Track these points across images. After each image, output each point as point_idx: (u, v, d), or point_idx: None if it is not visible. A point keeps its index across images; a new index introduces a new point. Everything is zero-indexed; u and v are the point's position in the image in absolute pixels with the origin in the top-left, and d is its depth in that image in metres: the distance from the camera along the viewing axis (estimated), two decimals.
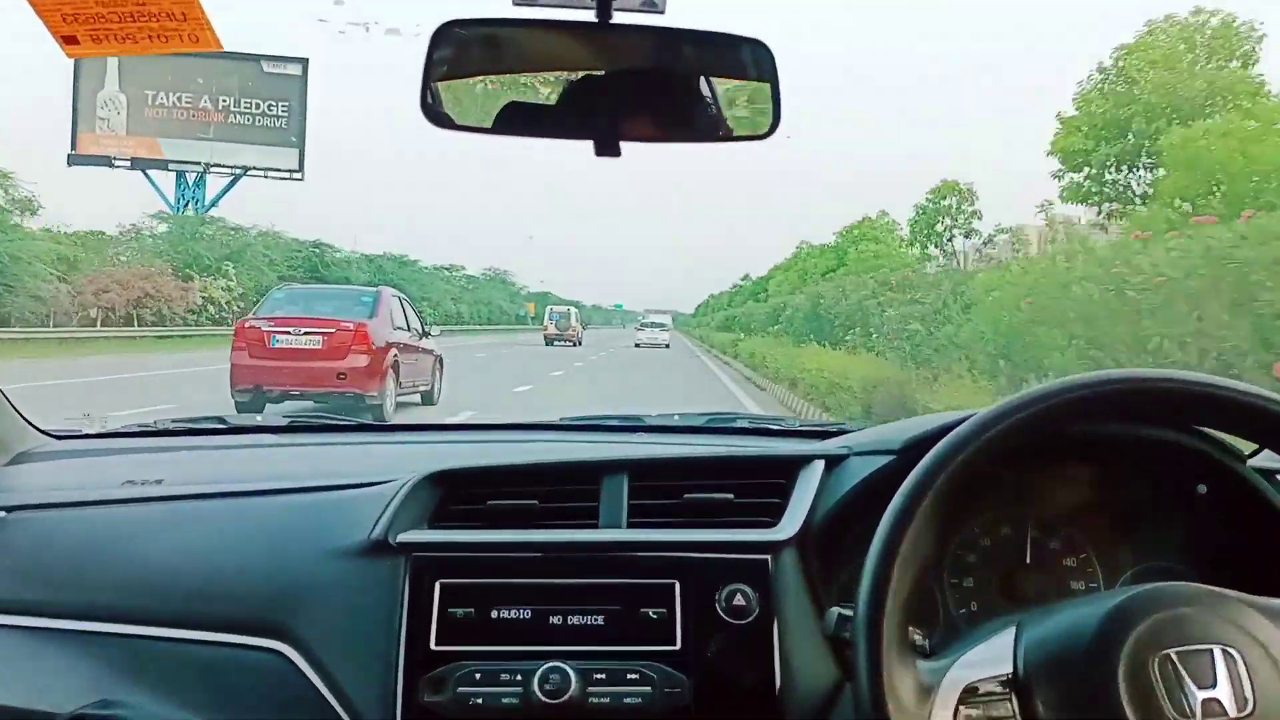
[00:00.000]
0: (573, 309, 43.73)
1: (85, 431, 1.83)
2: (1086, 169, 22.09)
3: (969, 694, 0.93)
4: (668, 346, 39.50)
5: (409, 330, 12.07)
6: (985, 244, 32.39)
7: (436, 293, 50.32)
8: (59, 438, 1.78)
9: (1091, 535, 1.33)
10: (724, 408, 12.55)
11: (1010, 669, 0.93)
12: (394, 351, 11.19)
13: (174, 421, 1.90)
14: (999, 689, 0.92)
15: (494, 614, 1.22)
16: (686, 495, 1.33)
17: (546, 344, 37.05)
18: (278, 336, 10.98)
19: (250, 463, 1.72)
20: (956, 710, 0.93)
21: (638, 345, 39.29)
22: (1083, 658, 0.90)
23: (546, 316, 42.59)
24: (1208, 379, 0.99)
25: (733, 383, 20.47)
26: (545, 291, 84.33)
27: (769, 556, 1.25)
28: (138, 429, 1.88)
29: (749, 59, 1.22)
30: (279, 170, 43.90)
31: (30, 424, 1.75)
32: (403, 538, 1.26)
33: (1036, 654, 0.93)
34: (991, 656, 0.95)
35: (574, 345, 37.88)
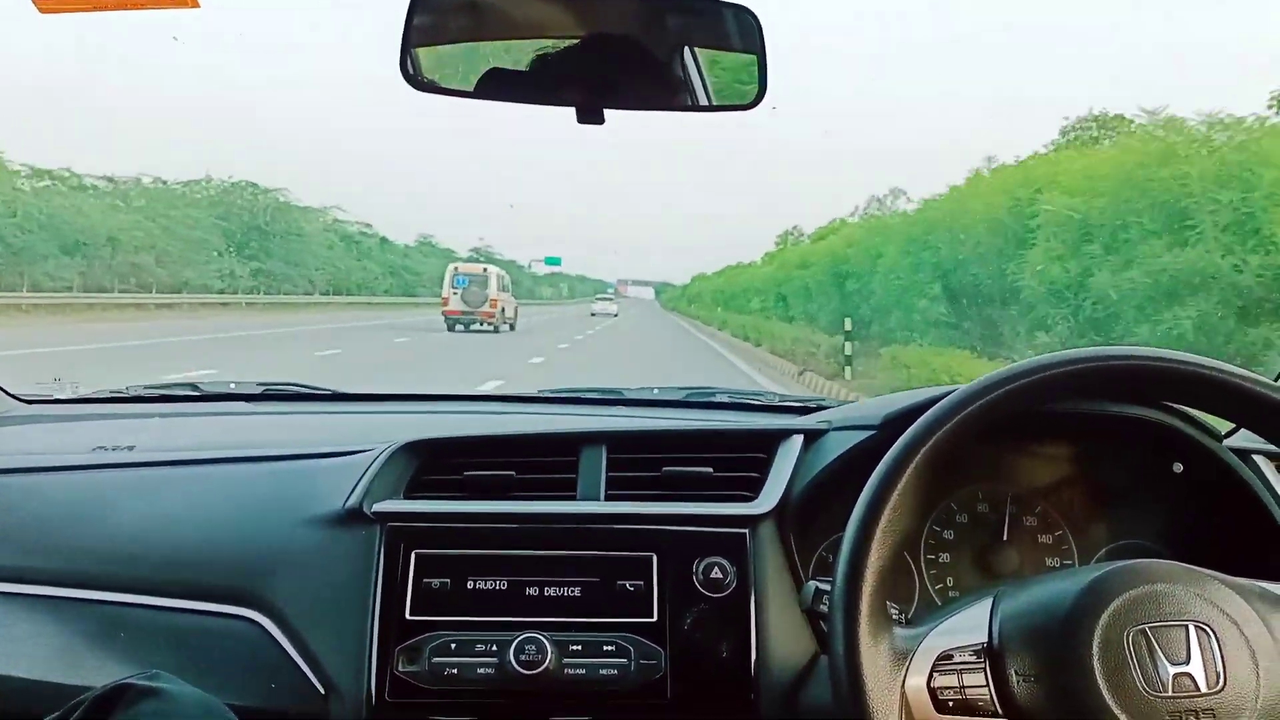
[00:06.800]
0: (495, 271, 26.41)
1: (56, 396, 1.80)
2: None
3: (943, 660, 0.93)
4: (616, 315, 46.95)
5: None
6: None
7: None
8: (29, 402, 1.76)
9: (1068, 512, 1.34)
10: None
11: (985, 638, 0.93)
12: None
13: (146, 388, 1.88)
14: (973, 657, 0.93)
15: (470, 584, 1.21)
16: (665, 468, 1.32)
17: (450, 328, 24.29)
18: None
19: (224, 430, 1.70)
20: (930, 676, 0.93)
21: (593, 314, 45.90)
22: (1058, 630, 0.91)
23: (448, 282, 25.52)
24: (1189, 357, 0.99)
25: None
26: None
27: (747, 530, 1.24)
28: (109, 394, 1.85)
29: (735, 27, 1.21)
30: None
31: (1, 389, 1.72)
32: (378, 507, 1.25)
33: (1012, 624, 0.93)
34: (967, 625, 0.95)
35: (497, 330, 24.64)
